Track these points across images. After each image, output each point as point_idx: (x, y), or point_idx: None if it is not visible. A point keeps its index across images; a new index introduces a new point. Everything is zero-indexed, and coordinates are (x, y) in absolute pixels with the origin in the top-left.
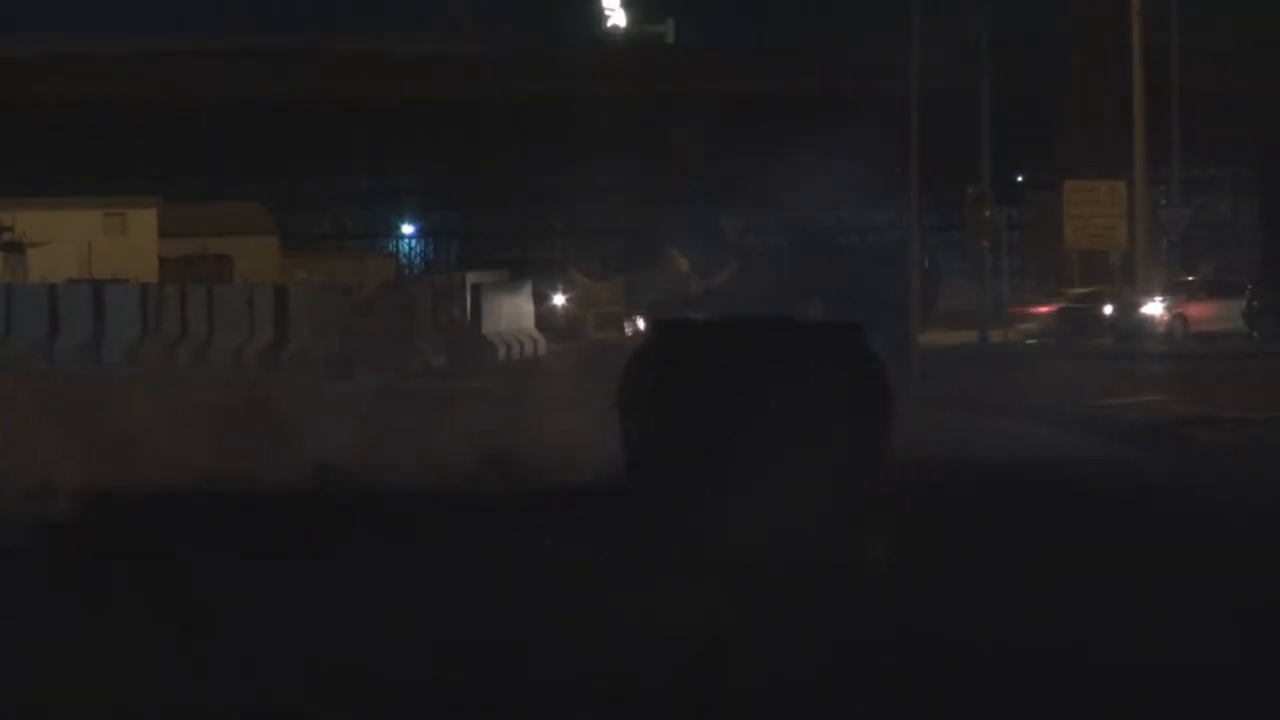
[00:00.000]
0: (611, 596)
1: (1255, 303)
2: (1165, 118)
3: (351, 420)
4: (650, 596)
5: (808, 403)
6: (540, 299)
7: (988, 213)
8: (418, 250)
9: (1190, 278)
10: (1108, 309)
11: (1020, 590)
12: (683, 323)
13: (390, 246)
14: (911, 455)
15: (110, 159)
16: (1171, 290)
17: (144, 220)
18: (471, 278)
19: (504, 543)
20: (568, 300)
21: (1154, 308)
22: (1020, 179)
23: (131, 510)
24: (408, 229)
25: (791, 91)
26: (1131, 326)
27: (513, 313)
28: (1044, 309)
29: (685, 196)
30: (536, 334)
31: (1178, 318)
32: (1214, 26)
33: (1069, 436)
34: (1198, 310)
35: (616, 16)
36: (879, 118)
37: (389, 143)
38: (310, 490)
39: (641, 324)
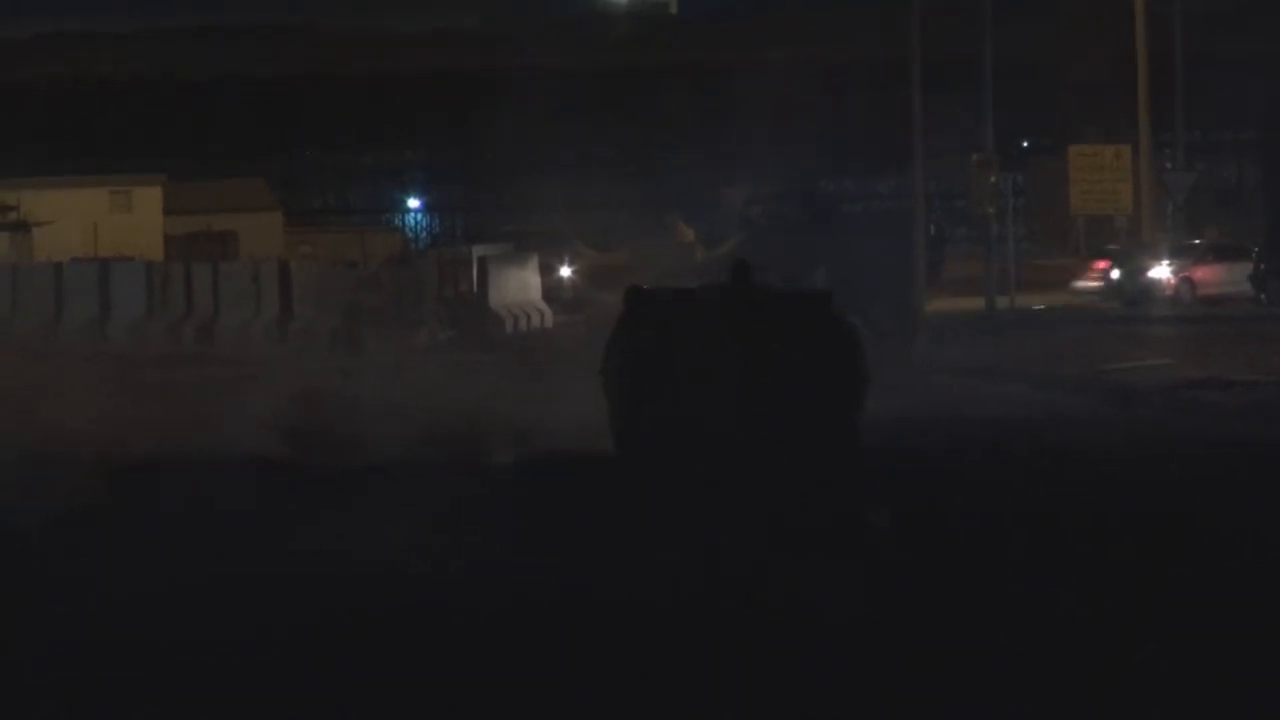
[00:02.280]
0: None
1: (1262, 266)
2: (1169, 81)
3: (352, 392)
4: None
5: (774, 369)
6: (546, 271)
7: (992, 179)
8: (423, 224)
9: (1196, 241)
10: (1114, 273)
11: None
12: (653, 291)
13: (396, 221)
14: (908, 420)
15: (111, 138)
16: (1178, 254)
17: (149, 198)
18: (477, 251)
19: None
20: (574, 272)
21: (1161, 272)
22: (1025, 144)
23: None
24: (413, 203)
25: (794, 60)
26: (1138, 291)
27: (519, 285)
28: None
29: (689, 167)
30: (543, 306)
31: (1184, 281)
32: None
33: (1073, 400)
34: (1204, 274)
35: None
36: (882, 85)
37: (391, 117)
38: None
39: None
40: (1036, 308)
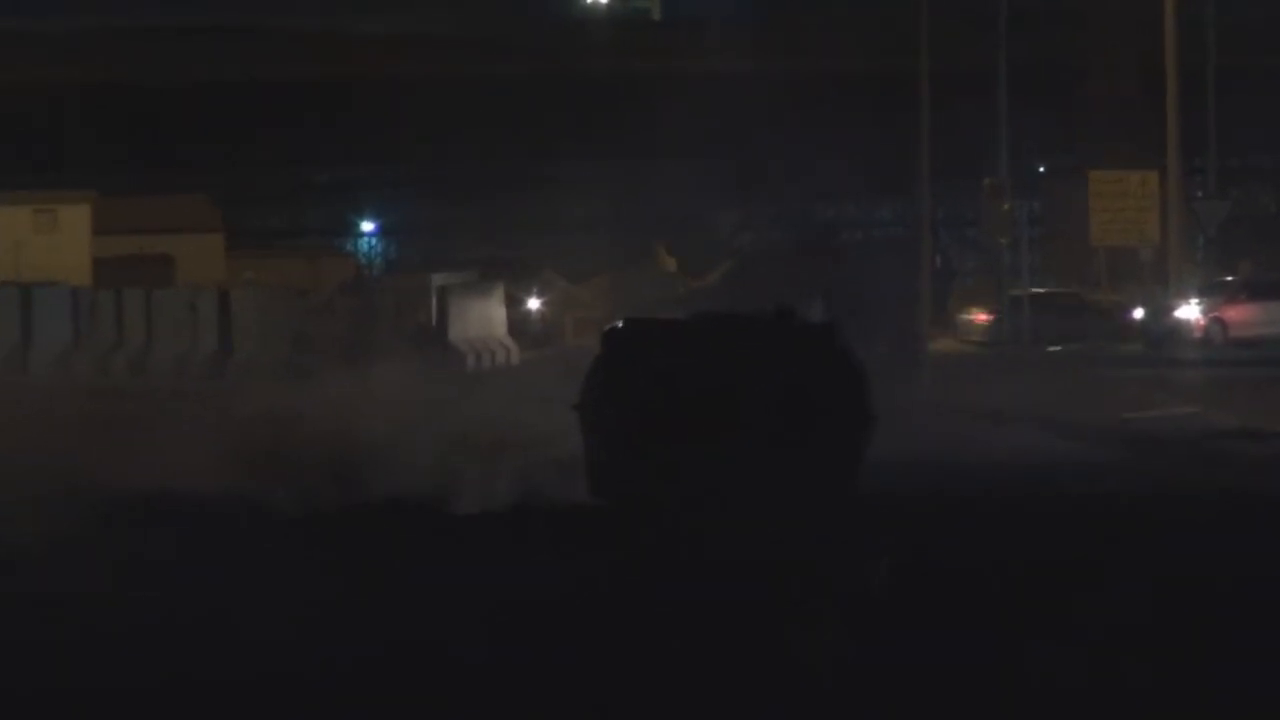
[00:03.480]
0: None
1: None
2: (1200, 101)
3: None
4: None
5: (772, 407)
6: (513, 302)
7: (1006, 206)
8: (378, 249)
9: (1229, 277)
10: (1137, 312)
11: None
12: (635, 324)
13: (349, 246)
14: (911, 466)
15: (44, 147)
16: (1208, 291)
17: (77, 217)
18: (437, 279)
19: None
20: (543, 304)
21: (1189, 311)
22: (1042, 169)
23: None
24: (368, 226)
25: (787, 71)
26: (1164, 331)
27: (482, 317)
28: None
29: (672, 186)
30: (509, 341)
31: (1215, 322)
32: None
33: (1091, 450)
34: (1237, 313)
35: None
36: (884, 100)
37: (347, 130)
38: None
39: None
40: (1052, 349)
